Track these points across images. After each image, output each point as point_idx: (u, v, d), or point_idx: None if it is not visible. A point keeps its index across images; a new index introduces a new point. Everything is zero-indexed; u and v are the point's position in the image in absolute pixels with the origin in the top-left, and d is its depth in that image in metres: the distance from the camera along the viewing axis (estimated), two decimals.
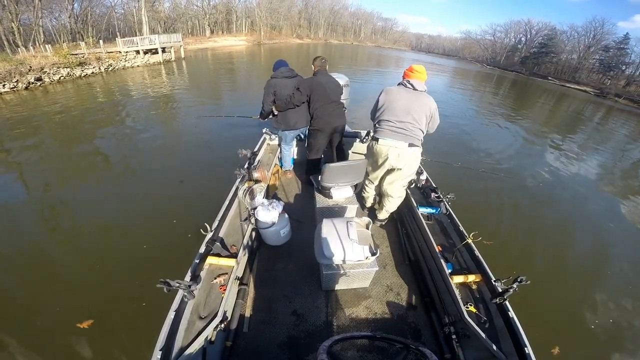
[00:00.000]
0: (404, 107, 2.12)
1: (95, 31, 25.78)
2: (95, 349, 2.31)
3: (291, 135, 3.14)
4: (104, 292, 2.75)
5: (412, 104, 2.11)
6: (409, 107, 2.10)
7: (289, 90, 2.80)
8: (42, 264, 3.12)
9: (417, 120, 2.11)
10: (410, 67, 2.21)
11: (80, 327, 2.42)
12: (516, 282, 1.43)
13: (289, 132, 3.07)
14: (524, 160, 7.02)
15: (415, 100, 2.11)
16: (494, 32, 61.78)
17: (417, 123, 2.12)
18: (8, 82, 10.54)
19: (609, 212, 5.14)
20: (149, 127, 7.35)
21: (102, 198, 4.28)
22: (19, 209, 4.04)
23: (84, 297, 2.71)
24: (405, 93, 2.15)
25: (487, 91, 20.83)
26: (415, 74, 2.18)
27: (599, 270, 3.62)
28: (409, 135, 2.13)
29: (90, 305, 2.61)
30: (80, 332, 2.40)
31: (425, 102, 2.12)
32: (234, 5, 45.35)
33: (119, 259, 3.16)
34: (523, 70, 47.40)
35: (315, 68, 2.83)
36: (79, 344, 2.33)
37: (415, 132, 2.14)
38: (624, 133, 13.44)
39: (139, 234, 3.57)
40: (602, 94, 31.25)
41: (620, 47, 39.61)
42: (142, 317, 2.49)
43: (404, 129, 2.13)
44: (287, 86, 2.82)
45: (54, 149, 6.06)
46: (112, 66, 15.68)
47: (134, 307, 2.59)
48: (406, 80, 2.18)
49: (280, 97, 2.82)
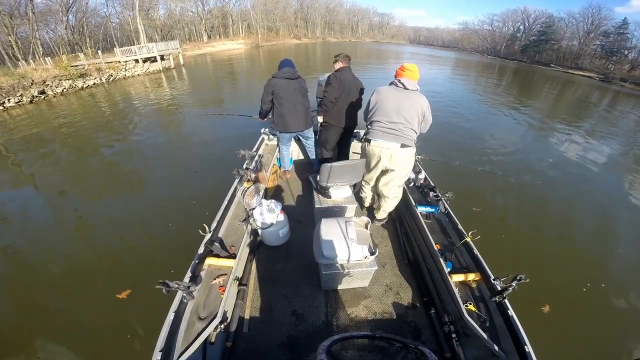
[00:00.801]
0: (394, 107, 2.08)
1: (93, 42, 26.09)
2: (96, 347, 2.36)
3: (287, 137, 3.14)
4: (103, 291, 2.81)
5: (403, 104, 2.06)
6: (400, 107, 2.06)
7: (289, 91, 2.78)
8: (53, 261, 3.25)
9: (409, 120, 2.07)
10: (401, 66, 2.17)
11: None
12: (515, 280, 1.42)
13: (285, 134, 3.07)
14: (527, 155, 6.85)
15: (406, 100, 2.07)
16: (491, 21, 61.23)
17: (409, 123, 2.08)
18: (13, 96, 10.72)
19: (616, 207, 4.98)
20: (151, 134, 7.48)
21: (104, 204, 4.38)
22: (34, 214, 4.20)
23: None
24: (396, 92, 2.10)
25: (489, 81, 20.56)
26: (406, 72, 2.13)
27: (603, 267, 3.54)
28: (401, 136, 2.09)
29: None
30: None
31: (417, 101, 2.07)
32: (229, 9, 45.47)
33: (117, 261, 3.25)
34: (524, 59, 46.71)
35: (342, 64, 2.86)
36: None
37: (407, 132, 2.09)
38: (633, 118, 13.08)
39: (143, 234, 3.67)
40: (607, 79, 30.66)
41: (620, 32, 38.89)
42: (141, 319, 2.52)
43: (395, 130, 2.09)
44: (287, 87, 2.78)
45: (65, 159, 6.23)
46: (112, 76, 15.85)
47: (132, 309, 2.63)
48: (397, 79, 2.14)
49: (279, 98, 2.79)
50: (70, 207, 4.41)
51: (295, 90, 2.83)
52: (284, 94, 2.78)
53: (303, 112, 2.95)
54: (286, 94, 2.78)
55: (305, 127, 3.07)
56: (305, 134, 3.17)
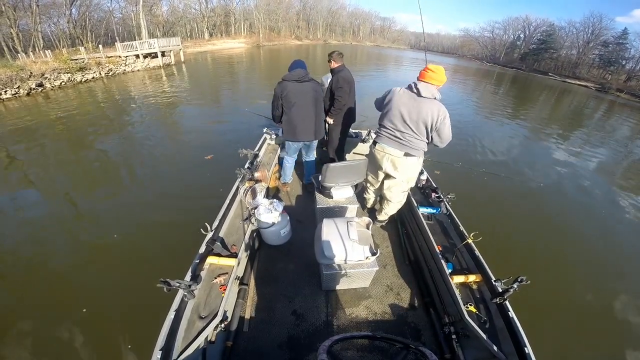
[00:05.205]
0: (402, 116, 1.97)
1: (95, 36, 25.98)
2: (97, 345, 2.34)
3: (294, 147, 2.85)
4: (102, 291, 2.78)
5: (412, 113, 1.93)
6: (409, 116, 1.94)
7: (300, 96, 2.53)
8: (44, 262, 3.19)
9: (416, 130, 1.96)
10: (425, 67, 1.94)
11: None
12: (516, 282, 1.43)
13: (292, 143, 2.80)
14: (526, 159, 6.96)
15: (416, 109, 1.91)
16: (492, 29, 61.60)
17: (416, 133, 1.97)
18: (10, 88, 10.60)
19: (615, 210, 5.07)
20: (150, 130, 7.41)
21: (104, 202, 4.32)
22: (32, 211, 4.11)
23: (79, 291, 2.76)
24: (408, 99, 1.95)
25: (487, 88, 20.78)
26: (428, 74, 1.90)
27: (602, 270, 3.58)
28: (405, 145, 2.03)
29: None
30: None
31: (428, 110, 1.88)
32: (232, 7, 45.46)
33: (118, 259, 3.20)
34: (523, 67, 47.15)
35: (339, 63, 2.85)
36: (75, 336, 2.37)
37: (413, 142, 2.01)
38: (628, 127, 13.33)
39: (143, 232, 3.63)
40: (604, 89, 31.05)
41: (619, 42, 39.42)
42: (141, 317, 2.50)
43: (401, 139, 2.03)
44: (297, 91, 2.52)
45: (58, 155, 6.11)
46: (112, 71, 15.75)
47: (133, 308, 2.60)
48: (415, 82, 1.95)
49: (288, 103, 2.54)
50: (64, 202, 4.34)
51: (306, 95, 2.56)
52: (294, 98, 2.52)
53: (314, 120, 2.67)
54: (296, 99, 2.53)
55: (315, 138, 2.79)
56: (312, 144, 2.90)
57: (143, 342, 2.30)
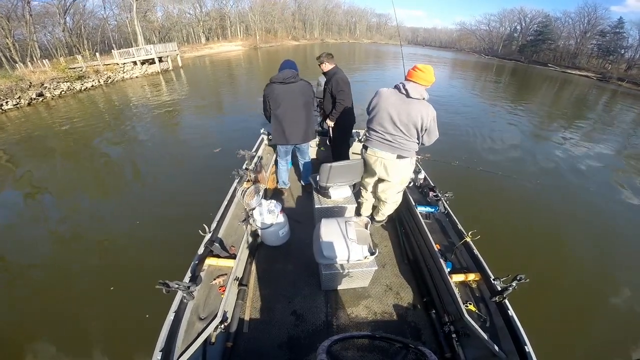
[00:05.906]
0: (391, 118, 1.91)
1: (91, 44, 26.08)
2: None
3: (283, 150, 2.77)
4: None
5: (402, 115, 1.87)
6: (398, 118, 1.88)
7: (286, 97, 2.43)
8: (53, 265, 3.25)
9: (406, 132, 1.91)
10: (414, 67, 1.87)
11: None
12: (515, 280, 1.43)
13: (281, 146, 2.73)
14: (526, 156, 6.87)
15: (404, 110, 1.86)
16: (488, 21, 61.33)
17: (407, 135, 1.93)
18: (10, 98, 10.70)
19: (616, 207, 4.98)
20: (150, 134, 7.50)
21: (105, 203, 4.38)
22: (30, 214, 4.18)
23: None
24: (396, 100, 1.88)
25: (487, 81, 20.65)
26: (417, 73, 1.83)
27: (602, 267, 3.54)
28: (397, 147, 1.98)
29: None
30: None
31: (418, 112, 1.83)
32: (227, 11, 45.50)
33: (117, 260, 3.26)
34: (522, 59, 46.86)
35: (332, 64, 2.85)
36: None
37: (404, 144, 1.97)
38: (631, 117, 13.14)
39: (142, 234, 3.67)
40: (605, 78, 30.78)
41: (616, 32, 39.14)
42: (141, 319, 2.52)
43: (392, 141, 1.98)
44: (284, 92, 2.41)
45: (63, 161, 6.23)
46: (110, 78, 15.83)
47: (133, 309, 2.62)
48: (403, 83, 1.88)
49: (275, 105, 2.46)
50: (66, 208, 4.39)
51: (294, 96, 2.44)
52: (280, 100, 2.42)
53: (302, 122, 2.56)
54: (282, 101, 2.42)
55: (304, 140, 2.66)
56: (302, 147, 2.79)
57: (143, 343, 2.33)
